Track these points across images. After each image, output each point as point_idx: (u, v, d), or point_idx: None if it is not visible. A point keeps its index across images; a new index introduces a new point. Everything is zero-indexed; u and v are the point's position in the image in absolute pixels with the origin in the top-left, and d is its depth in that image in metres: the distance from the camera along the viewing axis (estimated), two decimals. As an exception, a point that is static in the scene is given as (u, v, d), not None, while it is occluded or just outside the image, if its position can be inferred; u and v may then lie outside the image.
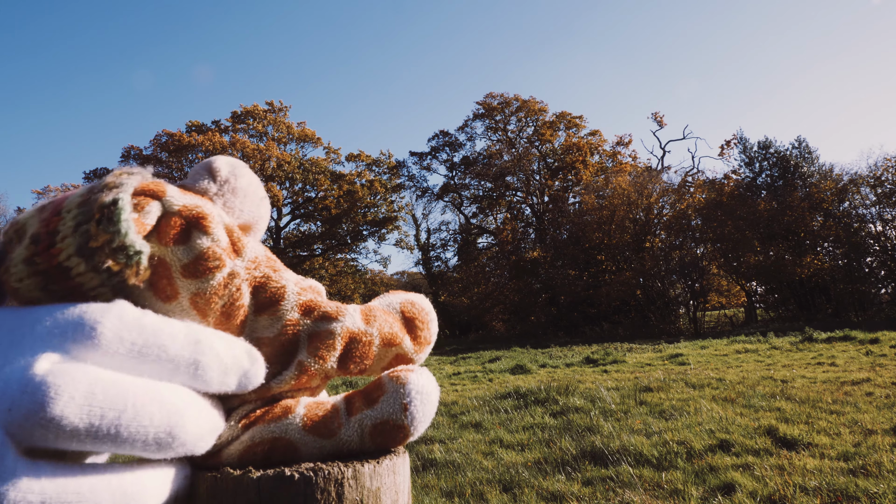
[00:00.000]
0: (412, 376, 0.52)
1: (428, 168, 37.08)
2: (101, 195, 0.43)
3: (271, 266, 0.54)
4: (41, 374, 0.36)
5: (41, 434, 0.35)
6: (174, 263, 0.46)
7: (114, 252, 0.42)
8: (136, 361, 0.41)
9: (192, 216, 0.48)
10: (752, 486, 3.66)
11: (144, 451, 0.40)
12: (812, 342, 12.55)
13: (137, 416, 0.39)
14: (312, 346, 0.52)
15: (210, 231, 0.48)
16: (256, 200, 0.56)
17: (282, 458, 0.49)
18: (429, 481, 4.28)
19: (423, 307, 0.61)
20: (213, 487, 0.45)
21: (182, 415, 0.42)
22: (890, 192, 22.16)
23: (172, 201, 0.47)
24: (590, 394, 6.96)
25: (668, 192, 26.23)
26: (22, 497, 0.33)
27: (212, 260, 0.48)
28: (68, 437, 0.36)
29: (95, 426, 0.36)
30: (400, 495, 0.50)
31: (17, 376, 0.36)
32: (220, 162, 0.55)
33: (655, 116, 34.00)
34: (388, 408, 0.51)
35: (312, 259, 34.44)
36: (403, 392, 0.51)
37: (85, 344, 0.39)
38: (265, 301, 0.52)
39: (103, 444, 0.37)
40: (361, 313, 0.56)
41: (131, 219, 0.43)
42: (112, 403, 0.38)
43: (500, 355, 15.03)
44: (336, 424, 0.50)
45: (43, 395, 0.35)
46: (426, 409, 0.52)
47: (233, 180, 0.54)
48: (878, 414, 5.30)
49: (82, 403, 0.36)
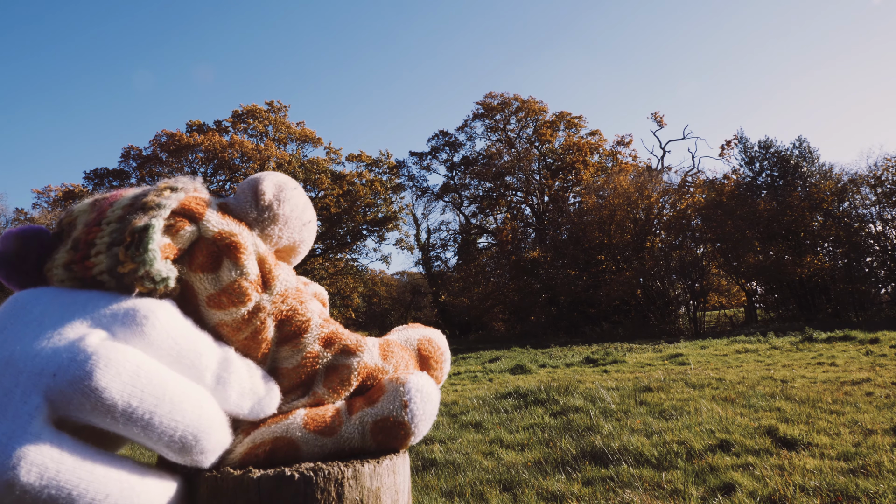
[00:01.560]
0: (412, 377, 0.53)
1: (428, 168, 37.09)
2: (136, 217, 0.43)
3: (298, 298, 0.53)
4: (93, 346, 0.37)
5: (79, 403, 0.35)
6: (201, 292, 0.47)
7: (140, 279, 0.42)
8: (171, 361, 0.42)
9: (225, 245, 0.47)
10: (752, 486, 3.66)
11: (168, 447, 0.40)
12: (812, 342, 12.55)
13: (173, 410, 0.39)
14: (329, 379, 0.53)
15: (241, 263, 0.48)
16: (299, 226, 0.55)
17: (284, 457, 0.49)
18: (429, 481, 4.28)
19: (440, 346, 0.63)
20: (213, 487, 0.45)
21: (211, 422, 0.43)
22: (890, 192, 22.16)
23: (209, 226, 0.47)
24: (590, 394, 6.96)
25: (669, 192, 26.23)
26: (41, 461, 0.34)
27: (237, 294, 0.47)
28: (105, 411, 0.36)
29: (132, 408, 0.37)
30: (400, 495, 0.50)
31: (66, 345, 0.37)
32: (266, 184, 0.53)
33: (655, 116, 34.01)
34: (389, 405, 0.51)
35: (312, 259, 34.43)
36: (403, 390, 0.51)
37: (133, 331, 0.40)
38: (289, 333, 0.52)
39: (133, 429, 0.38)
40: (380, 348, 0.56)
41: (159, 248, 0.43)
42: (153, 391, 0.38)
43: (500, 355, 15.03)
44: (337, 423, 0.50)
45: (93, 364, 0.36)
46: (427, 408, 0.52)
47: (275, 206, 0.53)
48: (878, 414, 5.30)
49: (126, 382, 0.37)
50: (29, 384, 0.35)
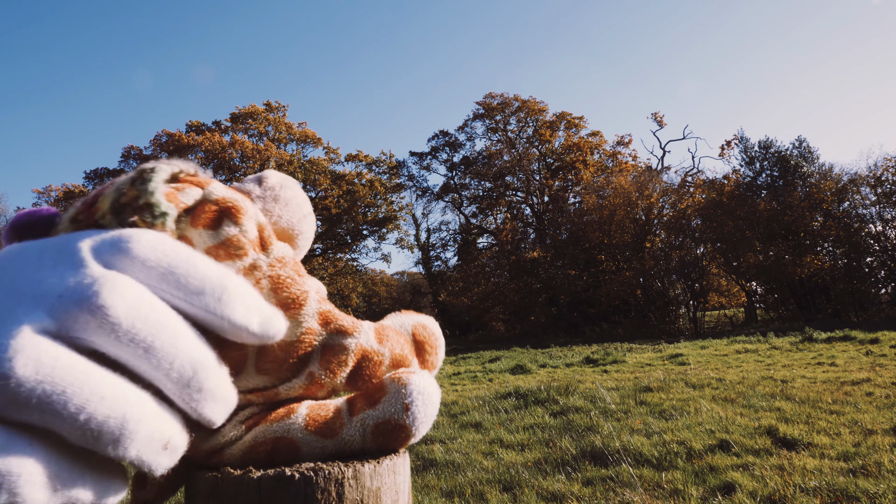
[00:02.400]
0: (414, 377, 0.52)
1: (428, 168, 37.08)
2: (141, 167, 0.47)
3: (297, 270, 0.54)
4: (98, 271, 0.38)
5: (85, 321, 0.36)
6: (199, 246, 0.48)
7: (140, 209, 0.44)
8: (165, 274, 0.42)
9: (227, 206, 0.49)
10: (752, 486, 3.66)
11: (167, 376, 0.40)
12: (812, 342, 12.55)
13: (174, 338, 0.40)
14: (325, 358, 0.52)
15: (240, 222, 0.49)
16: (298, 214, 0.58)
17: (284, 457, 0.49)
18: (429, 481, 4.28)
19: (434, 332, 0.62)
20: (213, 487, 0.45)
21: (208, 359, 0.43)
22: (890, 192, 22.16)
23: (212, 191, 0.49)
24: (590, 394, 6.96)
25: (669, 192, 26.23)
26: (37, 356, 0.34)
27: (234, 247, 0.49)
28: (109, 329, 0.37)
29: (136, 328, 0.38)
30: (400, 495, 0.50)
31: (70, 272, 0.38)
32: (271, 172, 0.57)
33: (655, 116, 34.01)
34: (390, 407, 0.51)
35: (312, 259, 34.43)
36: (405, 392, 0.51)
37: (121, 249, 0.40)
38: (285, 301, 0.52)
39: (136, 350, 0.38)
40: (375, 332, 0.56)
41: (162, 185, 0.46)
42: (155, 317, 0.39)
43: (500, 355, 15.03)
44: (338, 424, 0.51)
45: (100, 285, 0.37)
46: (428, 410, 0.52)
47: (278, 189, 0.56)
48: (878, 414, 5.30)
49: (130, 304, 0.38)
50: (32, 304, 0.36)
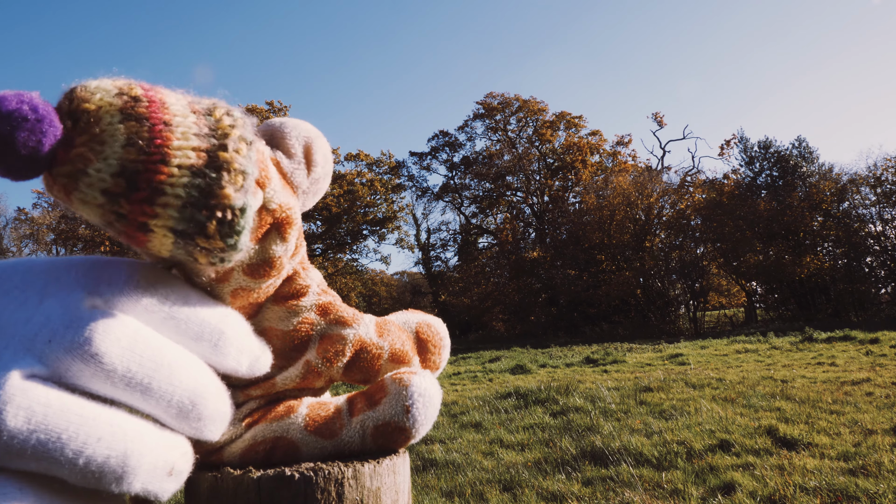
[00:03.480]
0: (415, 379, 0.52)
1: (428, 168, 37.08)
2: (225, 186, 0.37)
3: (302, 263, 0.53)
4: (89, 313, 0.36)
5: (78, 369, 0.35)
6: (243, 260, 0.45)
7: (214, 255, 0.39)
8: (165, 319, 0.41)
9: (281, 220, 0.46)
10: (752, 486, 3.66)
11: (166, 412, 0.40)
12: (812, 342, 12.56)
13: (171, 375, 0.39)
14: (322, 347, 0.52)
15: (288, 239, 0.47)
16: (322, 187, 0.56)
17: (283, 457, 0.49)
18: (429, 481, 4.28)
19: (439, 331, 0.61)
20: (213, 487, 0.45)
21: (207, 388, 0.42)
22: (890, 192, 22.16)
23: (273, 197, 0.44)
24: (590, 394, 6.96)
25: (668, 192, 26.23)
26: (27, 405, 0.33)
27: (276, 269, 0.47)
28: (104, 377, 0.36)
29: (132, 372, 0.37)
30: (400, 495, 0.50)
31: (60, 311, 0.36)
32: (319, 154, 0.51)
33: (655, 116, 34.02)
34: (391, 410, 0.50)
35: (312, 259, 34.46)
36: (406, 394, 0.51)
37: (121, 290, 0.39)
38: (286, 294, 0.52)
39: (132, 393, 0.37)
40: (376, 325, 0.56)
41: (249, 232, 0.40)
42: (151, 356, 0.38)
43: (500, 355, 15.03)
44: (338, 425, 0.50)
45: (91, 330, 0.35)
46: (428, 412, 0.52)
47: (322, 181, 0.53)
48: (878, 414, 5.30)
49: (125, 347, 0.36)
50: (21, 347, 0.34)
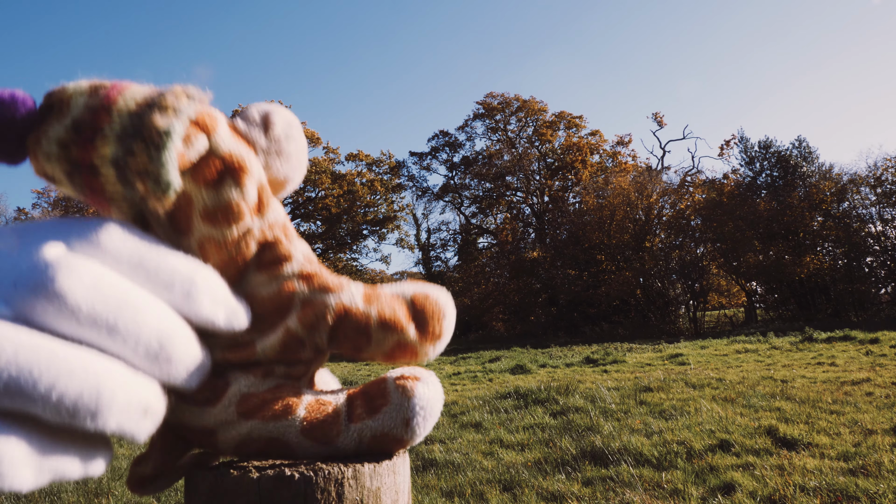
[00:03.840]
0: (419, 389, 0.51)
1: (428, 168, 37.08)
2: (156, 116, 0.42)
3: (285, 231, 0.53)
4: (53, 255, 0.37)
5: (42, 308, 0.35)
6: (198, 204, 0.46)
7: (147, 178, 0.41)
8: (134, 267, 0.41)
9: (232, 165, 0.47)
10: (752, 486, 3.66)
11: (133, 353, 0.40)
12: (812, 342, 12.56)
13: (136, 315, 0.39)
14: (304, 313, 0.51)
15: (243, 185, 0.48)
16: (296, 165, 0.56)
17: (277, 456, 0.50)
18: (429, 481, 4.28)
19: (437, 299, 0.58)
20: (213, 487, 0.45)
21: (175, 331, 0.42)
22: (890, 192, 22.16)
23: (220, 142, 0.46)
24: (590, 394, 6.96)
25: (668, 192, 26.23)
26: None
27: (234, 214, 0.48)
28: (69, 314, 0.36)
29: (96, 311, 0.37)
30: (400, 495, 0.50)
31: (26, 257, 0.37)
32: (277, 117, 0.53)
33: (655, 116, 34.01)
34: (391, 422, 0.50)
35: (312, 259, 34.43)
36: (408, 407, 0.50)
37: (89, 238, 0.40)
38: (268, 260, 0.52)
39: (99, 331, 0.37)
40: (364, 293, 0.54)
41: (176, 152, 0.42)
42: (116, 295, 0.38)
43: (500, 355, 15.03)
44: (335, 431, 0.49)
45: (54, 270, 0.36)
46: (428, 424, 0.51)
47: (283, 142, 0.53)
48: (878, 414, 5.30)
49: (89, 286, 0.37)
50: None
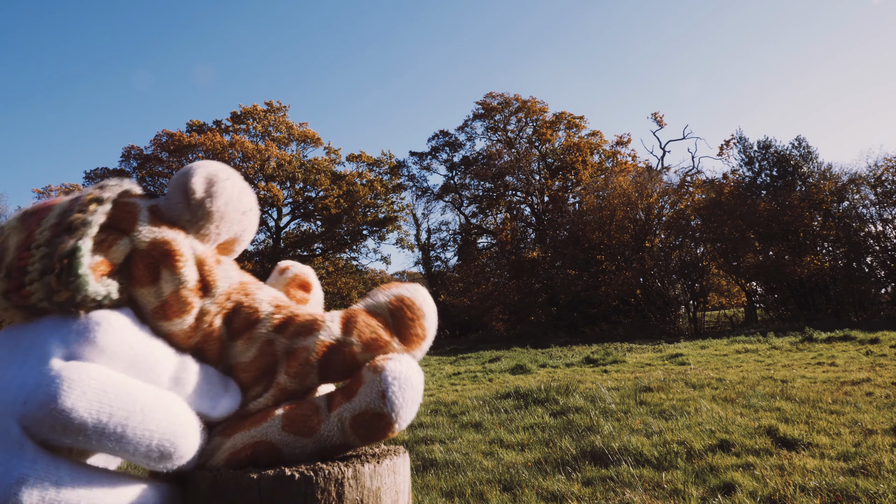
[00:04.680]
0: (389, 364, 0.50)
1: (428, 168, 37.07)
2: (63, 240, 0.42)
3: (244, 291, 0.52)
4: (56, 370, 0.38)
5: (51, 426, 0.36)
6: (145, 306, 0.47)
7: (80, 303, 0.42)
8: (127, 366, 0.42)
9: (161, 254, 0.46)
10: (752, 486, 3.66)
11: (146, 457, 0.41)
12: (812, 342, 12.55)
13: (145, 420, 0.40)
14: (290, 365, 0.51)
15: (178, 271, 0.47)
16: (238, 217, 0.53)
17: (266, 460, 0.48)
18: (429, 481, 4.28)
19: (413, 300, 0.56)
20: (213, 487, 0.45)
21: (186, 426, 0.43)
22: (890, 191, 22.16)
23: (140, 237, 0.46)
24: (590, 394, 6.96)
25: (668, 192, 26.22)
26: (41, 485, 0.35)
27: (180, 304, 0.47)
28: (76, 430, 0.37)
29: (103, 423, 0.38)
30: (400, 495, 0.50)
31: (32, 372, 0.38)
32: (195, 180, 0.50)
33: (655, 116, 34.01)
34: (366, 397, 0.49)
35: (313, 259, 34.45)
36: (380, 379, 0.49)
37: (87, 339, 0.40)
38: (239, 328, 0.51)
39: (107, 443, 0.38)
40: (340, 321, 0.54)
41: (91, 268, 0.43)
42: (122, 403, 0.39)
43: (500, 355, 15.03)
44: (315, 422, 0.49)
45: (57, 387, 0.37)
46: (406, 395, 0.50)
47: (208, 203, 0.50)
48: (878, 414, 5.30)
49: (93, 399, 0.37)
50: (6, 413, 0.36)
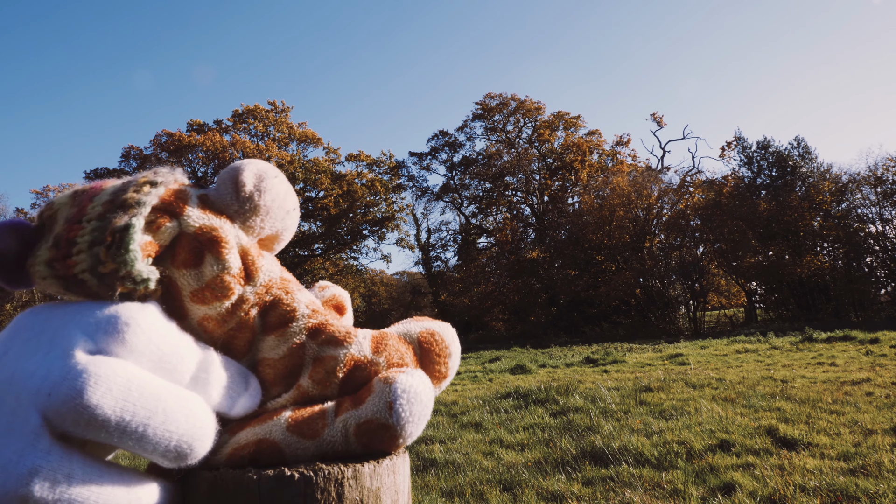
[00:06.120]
0: (402, 376, 0.50)
1: (428, 168, 37.06)
2: (117, 216, 0.43)
3: (284, 288, 0.53)
4: (83, 364, 0.38)
5: (74, 420, 0.37)
6: (184, 287, 0.47)
7: (121, 279, 0.42)
8: (153, 366, 0.42)
9: (207, 240, 0.47)
10: (752, 486, 3.66)
11: (164, 457, 0.41)
12: (812, 342, 12.55)
13: (166, 421, 0.40)
14: (315, 370, 0.51)
15: (223, 257, 0.48)
16: (282, 215, 0.54)
17: (268, 459, 0.48)
18: (429, 481, 4.28)
19: (443, 339, 0.58)
20: (213, 487, 0.45)
21: (205, 428, 0.43)
22: (890, 191, 22.15)
23: (189, 222, 0.47)
24: (590, 394, 6.96)
25: (668, 193, 26.22)
26: (53, 476, 0.35)
27: (220, 289, 0.48)
28: (98, 426, 0.37)
29: (126, 421, 0.38)
30: (400, 495, 0.50)
31: (58, 364, 0.38)
32: (246, 174, 0.52)
33: (654, 117, 34.00)
34: (374, 407, 0.49)
35: (313, 259, 34.43)
36: (389, 391, 0.49)
37: (115, 339, 0.41)
38: (274, 322, 0.51)
39: (128, 441, 0.39)
40: (372, 340, 0.54)
41: (140, 247, 0.43)
42: (146, 403, 0.39)
43: (500, 355, 15.03)
44: (321, 425, 0.49)
45: (83, 382, 0.37)
46: (414, 409, 0.49)
47: (256, 197, 0.52)
48: (878, 414, 5.30)
49: (118, 397, 0.38)
50: (28, 404, 0.37)
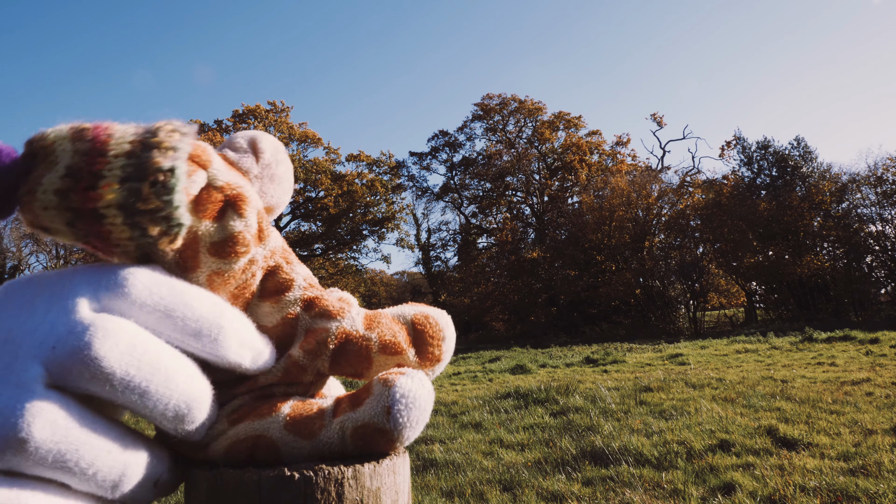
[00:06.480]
0: (401, 379, 0.50)
1: (428, 168, 37.07)
2: (156, 156, 0.41)
3: (285, 257, 0.54)
4: (89, 319, 0.38)
5: (79, 372, 0.37)
6: (204, 239, 0.47)
7: (158, 219, 0.41)
8: (162, 318, 0.42)
9: (232, 196, 0.48)
10: (752, 486, 3.66)
11: (162, 416, 0.41)
12: (812, 342, 12.55)
13: (168, 380, 0.40)
14: (306, 340, 0.52)
15: (245, 215, 0.48)
16: (288, 188, 0.57)
17: (264, 457, 0.48)
18: (429, 481, 4.28)
19: (437, 322, 0.58)
20: (213, 487, 0.45)
21: (201, 393, 0.44)
22: (890, 191, 22.16)
23: (217, 175, 0.47)
24: (590, 394, 6.96)
25: (668, 193, 26.23)
26: (53, 419, 0.35)
27: (240, 245, 0.48)
28: (103, 380, 0.37)
29: (130, 376, 0.38)
30: (400, 495, 0.50)
31: (63, 320, 0.38)
32: (265, 143, 0.55)
33: (654, 117, 34.02)
34: (371, 411, 0.48)
35: (313, 259, 34.44)
36: (388, 395, 0.49)
37: (117, 293, 0.40)
38: (272, 289, 0.52)
39: (131, 396, 0.39)
40: (365, 317, 0.55)
41: (184, 191, 0.42)
42: (149, 360, 0.39)
43: (500, 355, 15.03)
44: (318, 426, 0.49)
45: (91, 335, 0.37)
46: (412, 415, 0.49)
47: (274, 166, 0.54)
48: (878, 414, 5.30)
49: (124, 351, 0.38)
50: (28, 356, 0.37)
